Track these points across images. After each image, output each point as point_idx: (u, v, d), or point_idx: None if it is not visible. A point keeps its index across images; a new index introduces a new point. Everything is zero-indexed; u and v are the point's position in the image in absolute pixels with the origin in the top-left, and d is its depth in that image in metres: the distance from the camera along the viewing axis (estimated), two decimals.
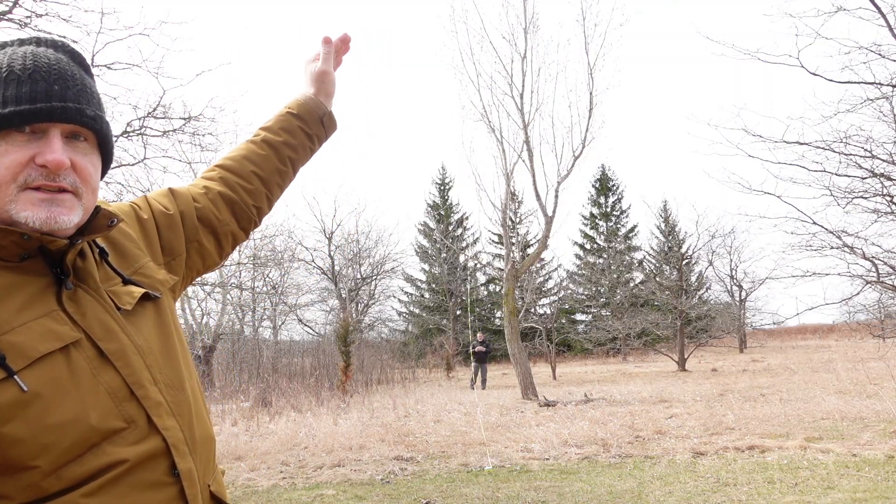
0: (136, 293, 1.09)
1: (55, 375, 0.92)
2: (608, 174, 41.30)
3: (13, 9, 6.79)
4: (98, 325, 1.00)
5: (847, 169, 8.67)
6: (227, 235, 1.37)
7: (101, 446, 0.94)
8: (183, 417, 1.05)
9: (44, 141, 0.96)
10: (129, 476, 0.95)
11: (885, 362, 14.28)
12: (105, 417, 0.95)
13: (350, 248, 33.46)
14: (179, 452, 1.02)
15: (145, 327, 1.07)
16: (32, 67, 0.98)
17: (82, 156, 1.01)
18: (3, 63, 0.98)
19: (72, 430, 0.91)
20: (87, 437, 0.92)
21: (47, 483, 0.90)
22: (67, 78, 1.00)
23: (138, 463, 0.96)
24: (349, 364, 17.47)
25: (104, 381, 0.97)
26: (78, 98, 1.00)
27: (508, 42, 16.04)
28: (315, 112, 1.48)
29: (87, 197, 1.01)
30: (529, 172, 16.02)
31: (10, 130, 0.95)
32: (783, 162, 8.96)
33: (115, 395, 0.97)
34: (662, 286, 28.79)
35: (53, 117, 0.96)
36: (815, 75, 8.23)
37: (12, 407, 0.88)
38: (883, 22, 7.80)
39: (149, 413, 0.99)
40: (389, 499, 6.02)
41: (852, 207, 9.01)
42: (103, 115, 1.04)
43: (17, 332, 0.91)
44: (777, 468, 6.28)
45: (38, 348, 0.91)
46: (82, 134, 1.01)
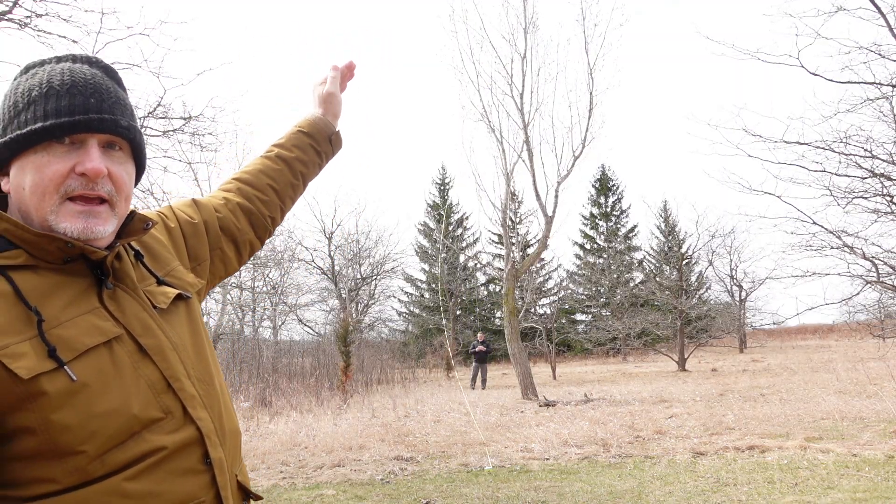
0: (170, 293, 1.17)
1: (100, 367, 0.99)
2: (608, 174, 41.31)
3: (13, 8, 6.79)
4: (137, 321, 1.07)
5: (847, 169, 8.68)
6: (246, 244, 1.48)
7: (141, 434, 1.01)
8: (213, 410, 1.13)
9: (82, 151, 1.03)
10: (167, 462, 1.02)
11: (885, 362, 14.28)
12: (145, 407, 1.02)
13: (350, 248, 33.46)
14: (211, 442, 1.09)
15: (178, 325, 1.15)
16: (70, 82, 1.04)
17: (118, 164, 1.08)
18: (42, 79, 1.05)
19: (116, 418, 0.99)
20: (129, 425, 1.00)
21: (92, 467, 0.96)
22: (102, 91, 1.07)
23: (175, 450, 1.04)
24: (349, 364, 17.47)
25: (144, 374, 1.04)
26: (113, 110, 1.06)
27: (508, 42, 16.05)
28: (324, 131, 1.61)
29: (120, 205, 1.09)
30: (529, 172, 16.02)
31: (51, 142, 1.02)
32: (783, 162, 8.97)
33: (154, 387, 1.05)
34: (662, 286, 28.79)
35: (91, 128, 1.03)
36: (815, 75, 8.23)
37: (63, 395, 0.95)
38: (883, 22, 7.80)
39: (184, 404, 1.07)
40: (389, 499, 6.02)
41: (852, 207, 9.02)
42: (136, 125, 1.11)
43: (65, 326, 0.99)
44: (777, 468, 6.28)
45: (84, 342, 0.99)
46: (117, 143, 1.08)
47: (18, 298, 0.97)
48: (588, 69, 15.85)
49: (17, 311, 0.96)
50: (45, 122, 1.01)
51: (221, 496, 1.10)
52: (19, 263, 1.00)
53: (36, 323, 0.96)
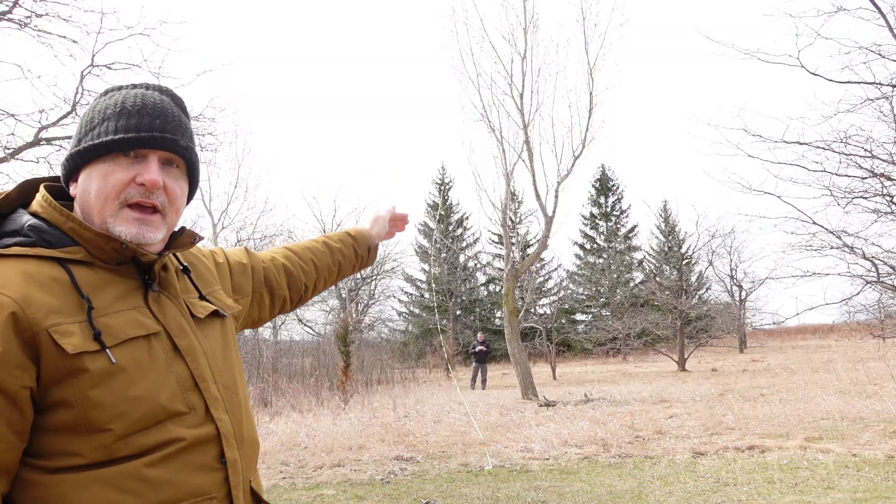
0: (208, 307, 1.30)
1: (138, 356, 1.11)
2: (608, 174, 41.32)
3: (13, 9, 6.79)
4: (175, 323, 1.19)
5: (847, 169, 8.67)
6: (280, 298, 1.66)
7: (165, 424, 1.10)
8: (234, 415, 1.22)
9: (144, 164, 1.17)
10: (185, 454, 1.11)
11: (885, 362, 14.27)
12: (172, 400, 1.12)
13: None
14: (228, 443, 1.18)
15: (211, 336, 1.27)
16: (141, 104, 1.20)
17: (173, 180, 1.21)
18: (117, 100, 1.21)
19: (145, 404, 1.09)
20: (155, 412, 1.09)
21: (117, 446, 1.06)
22: (167, 115, 1.21)
23: (193, 444, 1.13)
24: (349, 364, 17.46)
25: (175, 371, 1.15)
26: (174, 131, 1.21)
27: (508, 42, 16.04)
28: (367, 241, 1.90)
29: (171, 216, 1.22)
30: (529, 172, 16.01)
31: (118, 154, 1.17)
32: (783, 162, 8.97)
33: (182, 384, 1.15)
34: (662, 286, 28.80)
35: (153, 145, 1.18)
36: (815, 75, 8.23)
37: (101, 375, 1.06)
38: (883, 22, 7.80)
39: (207, 403, 1.17)
40: (389, 499, 6.02)
41: (852, 207, 9.01)
42: (194, 147, 1.26)
43: (112, 316, 1.11)
44: (777, 468, 6.28)
45: (126, 332, 1.11)
46: (175, 161, 1.22)
47: (74, 287, 1.09)
48: (588, 69, 15.86)
49: (71, 297, 1.08)
50: (115, 136, 1.16)
51: (233, 495, 1.18)
52: (78, 258, 1.13)
53: (86, 310, 1.08)
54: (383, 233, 1.96)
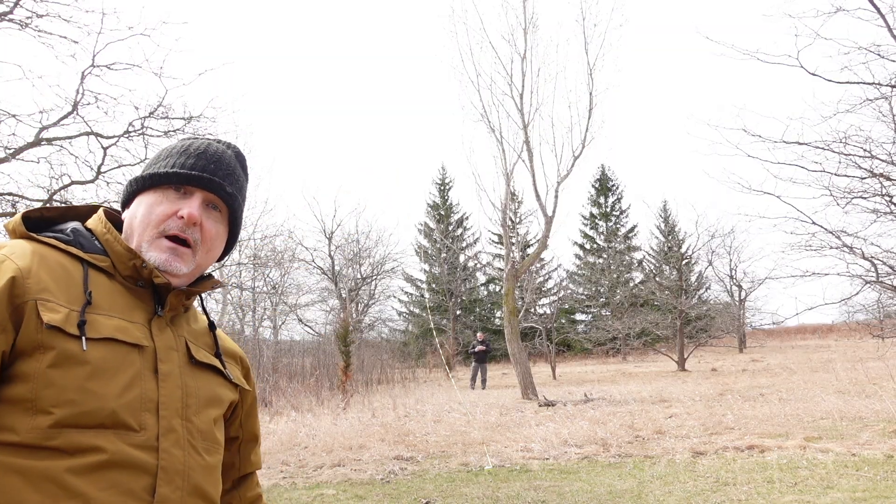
0: (211, 360, 1.30)
1: (111, 357, 1.10)
2: (608, 174, 41.32)
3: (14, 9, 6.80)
4: (165, 350, 1.20)
5: (846, 169, 8.69)
6: None
7: (106, 431, 1.07)
8: (192, 458, 1.17)
9: (188, 200, 1.25)
10: (111, 472, 1.05)
11: (884, 362, 14.29)
12: (125, 411, 1.09)
13: (350, 248, 33.46)
14: (168, 479, 1.11)
15: (203, 382, 1.26)
16: (203, 150, 1.30)
17: (212, 222, 1.28)
18: (185, 145, 1.31)
19: (96, 401, 1.06)
20: (102, 415, 1.06)
21: (50, 433, 1.03)
22: (223, 163, 1.30)
23: (122, 463, 1.06)
24: (349, 364, 17.47)
25: (143, 387, 1.13)
26: (224, 177, 1.29)
27: (508, 42, 16.06)
28: None
29: (201, 254, 1.27)
30: (529, 172, 16.03)
31: (169, 188, 1.25)
32: (783, 162, 8.98)
33: (143, 403, 1.12)
34: (662, 286, 28.80)
35: (200, 184, 1.25)
36: (815, 75, 8.25)
37: (65, 358, 1.06)
38: (882, 22, 7.81)
39: (160, 432, 1.12)
40: (389, 498, 6.03)
41: (852, 207, 9.02)
42: (240, 198, 1.33)
43: (105, 317, 1.13)
44: (776, 468, 6.29)
45: (111, 332, 1.12)
46: (218, 206, 1.29)
47: (82, 282, 1.14)
48: (588, 69, 15.88)
49: (75, 290, 1.13)
50: (169, 170, 1.25)
51: None
52: (101, 266, 1.19)
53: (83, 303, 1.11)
54: None
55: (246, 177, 1.37)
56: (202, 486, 1.17)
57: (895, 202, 8.71)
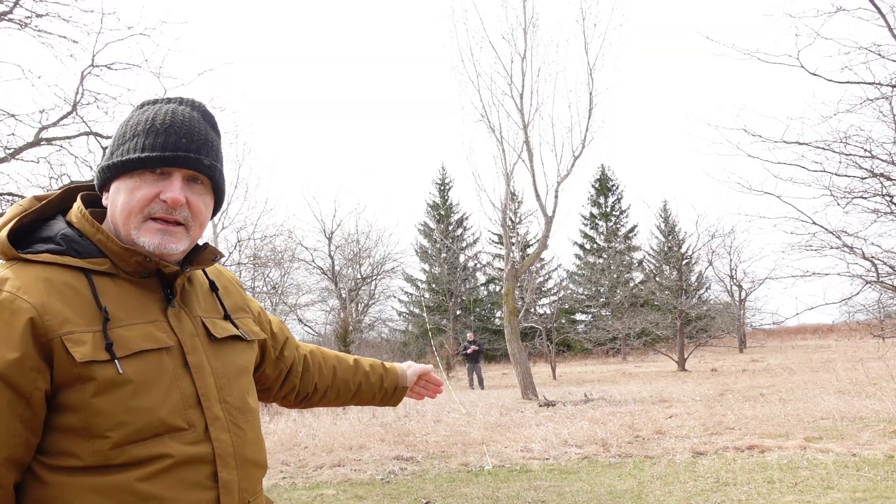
0: (227, 329, 1.34)
1: (146, 369, 1.14)
2: (608, 174, 41.34)
3: (14, 9, 6.79)
4: (189, 340, 1.23)
5: (847, 169, 8.68)
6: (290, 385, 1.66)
7: (162, 437, 1.13)
8: (237, 437, 1.24)
9: (168, 181, 1.22)
10: (177, 471, 1.13)
11: (884, 362, 14.28)
12: (172, 415, 1.15)
13: (350, 248, 33.45)
14: (224, 463, 1.20)
15: (226, 357, 1.30)
16: (169, 122, 1.24)
17: (197, 195, 1.26)
18: (149, 117, 1.26)
19: (145, 416, 1.12)
20: (154, 425, 1.12)
21: (113, 453, 1.09)
22: (194, 133, 1.26)
23: (186, 461, 1.14)
24: None
25: (181, 387, 1.18)
26: (199, 150, 1.25)
27: (508, 42, 16.05)
28: (397, 378, 1.85)
29: (194, 230, 1.27)
30: (529, 172, 16.02)
31: (144, 170, 1.22)
32: (783, 162, 8.97)
33: (185, 400, 1.18)
34: (662, 286, 28.80)
35: (177, 164, 1.22)
36: (815, 75, 8.24)
37: (107, 384, 1.10)
38: (883, 22, 7.81)
39: (207, 422, 1.19)
40: (389, 498, 6.03)
41: (852, 207, 9.01)
42: (218, 164, 1.31)
43: (127, 328, 1.15)
44: (777, 468, 6.28)
45: (139, 344, 1.15)
46: (199, 178, 1.27)
47: (93, 297, 1.14)
48: (588, 69, 15.87)
49: (89, 307, 1.13)
50: (141, 154, 1.21)
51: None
52: (103, 270, 1.19)
53: (102, 320, 1.12)
54: (411, 382, 1.91)
55: (218, 135, 1.34)
56: (252, 456, 1.27)
57: (895, 202, 8.70)
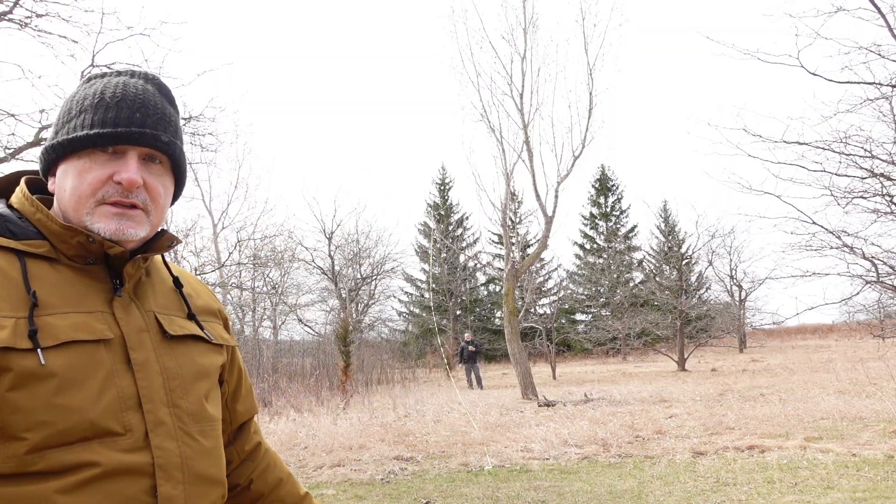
0: (186, 328, 1.16)
1: (76, 363, 0.98)
2: (608, 174, 41.32)
3: (14, 8, 6.79)
4: (135, 334, 1.07)
5: (847, 169, 8.69)
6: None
7: (90, 443, 0.97)
8: (187, 446, 1.07)
9: (122, 161, 1.08)
10: (106, 483, 0.96)
11: (884, 362, 14.28)
12: (105, 417, 0.99)
13: (350, 248, 33.45)
14: (167, 476, 1.02)
15: (184, 357, 1.13)
16: (121, 96, 1.10)
17: (155, 177, 1.11)
18: (97, 90, 1.11)
19: (70, 416, 0.96)
20: (81, 428, 0.96)
21: (30, 459, 0.94)
22: (149, 107, 1.11)
23: (116, 471, 0.97)
24: (349, 364, 17.47)
25: (119, 385, 1.02)
26: (156, 125, 1.10)
27: (508, 42, 16.06)
28: None
29: (154, 214, 1.12)
30: (529, 172, 16.03)
31: (94, 150, 1.07)
32: (783, 162, 8.98)
33: (123, 402, 1.01)
34: (662, 286, 28.79)
35: (131, 141, 1.07)
36: (815, 75, 8.24)
37: (26, 377, 0.94)
38: (883, 22, 7.81)
39: (147, 428, 1.02)
40: (389, 498, 6.02)
41: (852, 207, 9.02)
42: (178, 141, 1.15)
43: (58, 316, 1.00)
44: (777, 468, 6.28)
45: (69, 333, 0.99)
46: (157, 157, 1.12)
47: (23, 280, 1.00)
48: (588, 69, 15.88)
49: (16, 292, 0.99)
50: (90, 131, 1.06)
51: None
52: (40, 252, 1.04)
53: (30, 306, 0.98)
54: None
55: (176, 111, 1.18)
56: (205, 471, 1.09)
57: (895, 202, 8.70)
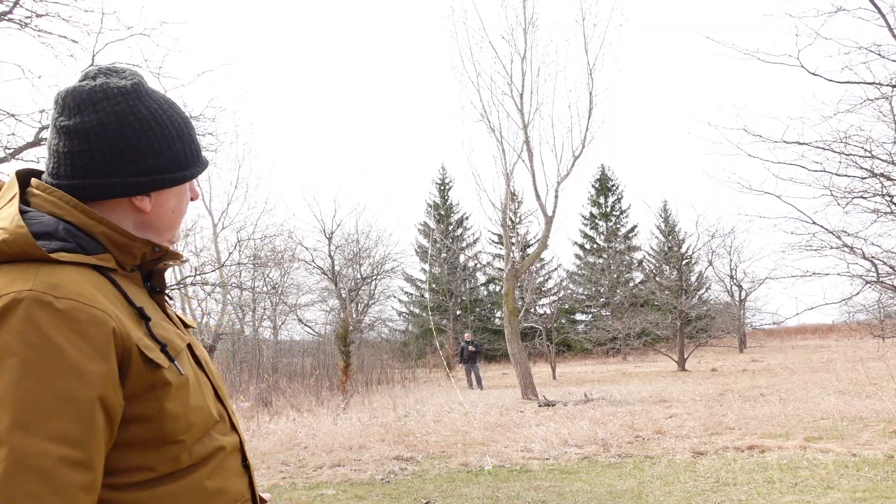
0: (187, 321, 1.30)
1: (189, 368, 1.13)
2: (608, 174, 41.31)
3: (13, 8, 6.79)
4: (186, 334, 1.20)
5: (847, 169, 8.69)
6: None
7: (210, 432, 1.13)
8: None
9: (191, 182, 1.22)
10: (228, 461, 1.14)
11: (884, 362, 14.28)
12: (214, 409, 1.15)
13: (350, 248, 33.44)
14: (245, 448, 1.22)
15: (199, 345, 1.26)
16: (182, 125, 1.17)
17: None
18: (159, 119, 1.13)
19: (203, 412, 1.11)
20: (208, 421, 1.12)
21: (184, 457, 1.07)
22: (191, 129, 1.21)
23: (231, 451, 1.16)
24: (349, 364, 17.47)
25: (204, 381, 1.17)
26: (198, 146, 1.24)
27: (508, 42, 16.05)
28: None
29: None
30: (529, 172, 16.02)
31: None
32: (783, 162, 8.98)
33: (209, 393, 1.17)
34: (662, 286, 28.79)
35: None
36: (815, 75, 8.24)
37: (177, 387, 1.06)
38: (883, 22, 7.81)
39: (229, 412, 1.20)
40: (389, 499, 6.03)
41: (852, 207, 9.02)
42: None
43: (161, 328, 1.11)
44: (777, 468, 6.28)
45: (178, 343, 1.12)
46: None
47: (125, 298, 1.06)
48: (588, 69, 15.87)
49: (126, 309, 1.05)
50: (187, 171, 1.17)
51: (255, 497, 1.23)
52: (110, 266, 1.09)
53: (144, 322, 1.07)
54: None
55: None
56: None
57: (895, 202, 8.70)
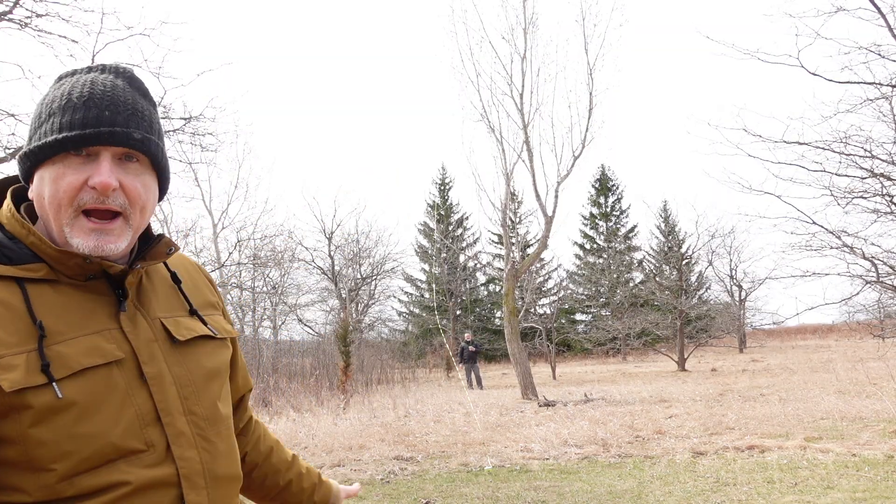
0: (193, 330, 1.15)
1: (92, 389, 0.98)
2: (608, 174, 41.31)
3: (13, 8, 6.79)
4: (145, 347, 1.06)
5: (847, 169, 8.69)
6: None
7: (116, 463, 0.98)
8: (206, 452, 1.08)
9: (96, 164, 1.03)
10: (136, 499, 0.99)
11: (884, 362, 14.28)
12: (126, 437, 1.00)
13: (350, 248, 33.44)
14: (192, 484, 1.05)
15: (193, 361, 1.12)
16: (88, 95, 1.04)
17: (133, 176, 1.06)
18: (64, 91, 1.06)
19: (94, 442, 0.97)
20: (106, 451, 0.98)
21: (61, 487, 0.95)
22: (119, 103, 1.05)
23: (145, 487, 1.00)
24: (349, 364, 17.46)
25: (136, 403, 1.02)
26: (127, 122, 1.05)
27: (508, 42, 16.06)
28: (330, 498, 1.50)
29: (135, 217, 1.07)
30: (529, 172, 16.03)
31: (67, 154, 1.02)
32: (783, 162, 8.98)
33: (142, 418, 1.02)
34: (662, 286, 28.79)
35: (101, 141, 1.02)
36: (815, 75, 8.24)
37: (45, 411, 0.94)
38: (883, 22, 7.81)
39: (169, 441, 1.04)
40: (389, 499, 6.03)
41: (852, 207, 9.03)
42: (153, 137, 1.09)
43: (68, 343, 0.98)
44: (777, 468, 6.29)
45: (81, 361, 0.98)
46: (134, 155, 1.07)
47: (27, 311, 0.98)
48: (588, 69, 15.88)
49: (21, 323, 0.97)
50: (59, 135, 1.02)
51: None
52: (40, 277, 1.01)
53: (38, 337, 0.96)
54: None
55: (152, 104, 1.13)
56: (225, 472, 1.11)
57: (895, 202, 8.70)
